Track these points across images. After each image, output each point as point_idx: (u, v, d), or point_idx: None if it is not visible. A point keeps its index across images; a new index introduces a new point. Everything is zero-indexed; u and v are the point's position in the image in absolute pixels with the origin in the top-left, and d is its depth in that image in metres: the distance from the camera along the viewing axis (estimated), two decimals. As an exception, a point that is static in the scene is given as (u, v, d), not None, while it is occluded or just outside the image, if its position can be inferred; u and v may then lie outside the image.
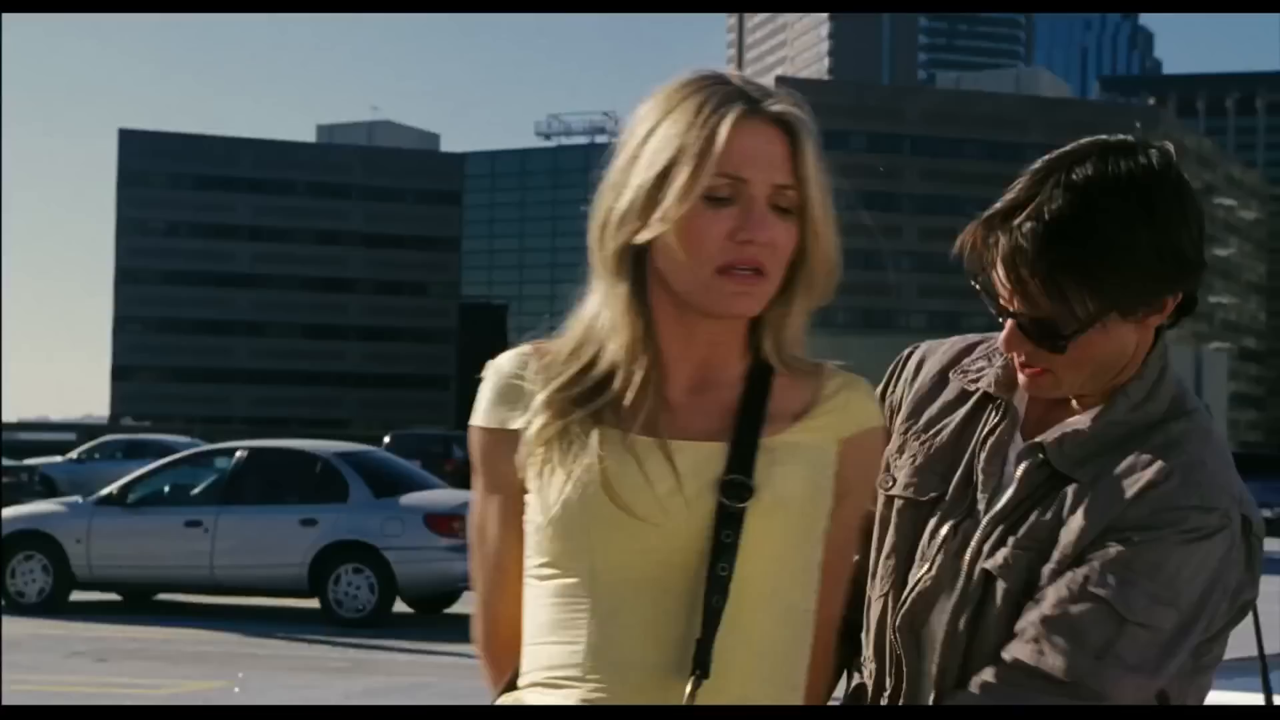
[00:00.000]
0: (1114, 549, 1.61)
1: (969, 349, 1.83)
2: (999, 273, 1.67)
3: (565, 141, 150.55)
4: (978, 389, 1.79)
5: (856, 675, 1.81)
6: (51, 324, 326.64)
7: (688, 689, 1.52)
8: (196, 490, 13.29)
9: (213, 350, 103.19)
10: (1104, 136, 1.69)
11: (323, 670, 10.00)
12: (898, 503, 1.78)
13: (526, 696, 1.62)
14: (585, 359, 1.62)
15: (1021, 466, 1.70)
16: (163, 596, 13.39)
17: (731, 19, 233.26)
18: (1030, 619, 1.62)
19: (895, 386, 1.86)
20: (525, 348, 1.68)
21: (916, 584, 1.72)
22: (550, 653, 1.59)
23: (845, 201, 1.66)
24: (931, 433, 1.79)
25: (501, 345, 1.83)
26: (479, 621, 1.72)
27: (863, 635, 1.79)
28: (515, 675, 1.66)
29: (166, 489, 13.40)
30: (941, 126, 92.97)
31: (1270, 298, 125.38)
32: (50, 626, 11.83)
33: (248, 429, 69.48)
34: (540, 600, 1.61)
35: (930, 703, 1.69)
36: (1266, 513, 33.26)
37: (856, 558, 1.77)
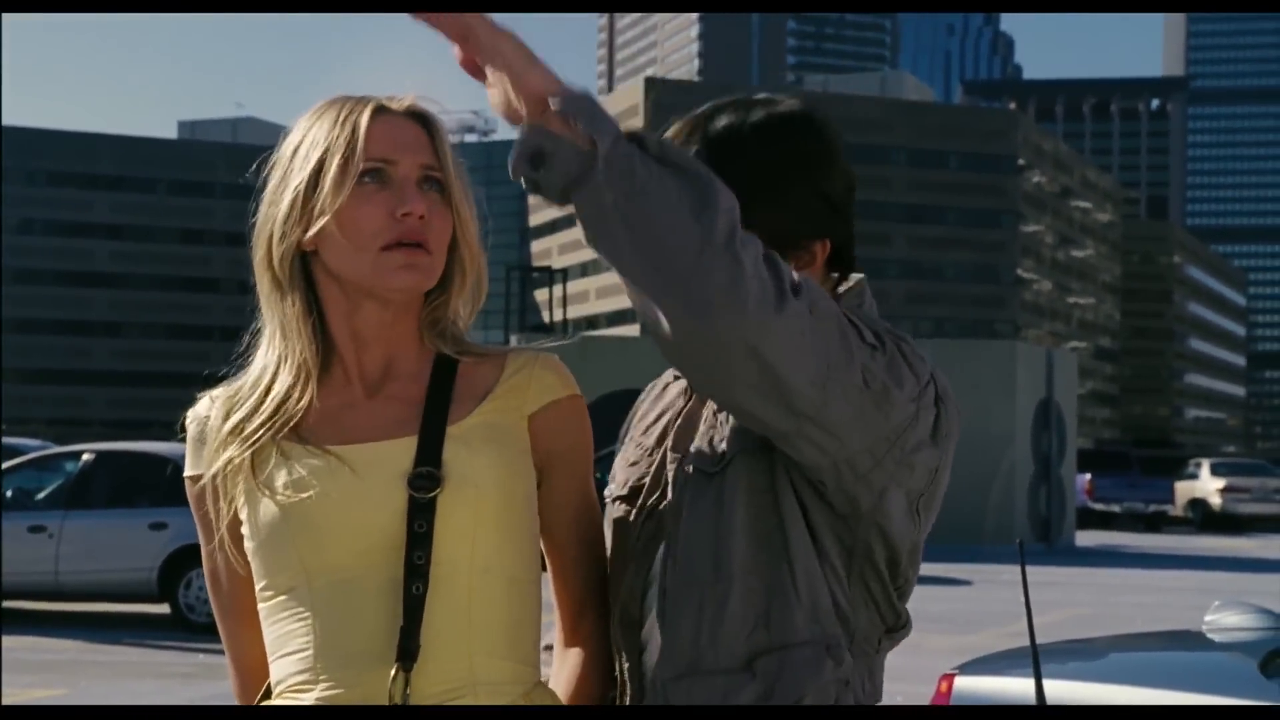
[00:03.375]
0: None
1: None
2: None
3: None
4: (678, 379, 1.80)
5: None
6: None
7: (392, 673, 1.59)
8: (41, 494, 12.93)
9: (70, 351, 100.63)
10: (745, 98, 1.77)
11: (169, 676, 9.79)
12: (615, 504, 1.77)
13: (278, 702, 1.68)
14: (267, 380, 1.69)
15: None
16: (5, 604, 13.01)
17: (603, 19, 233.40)
18: None
19: (643, 401, 1.87)
20: (217, 390, 1.75)
21: (625, 580, 1.72)
22: (286, 663, 1.67)
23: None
24: (645, 433, 1.80)
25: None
26: (230, 669, 1.78)
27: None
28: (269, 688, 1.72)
29: (9, 493, 13.01)
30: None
31: (1125, 298, 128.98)
32: (-116, 636, 11.43)
33: (107, 431, 67.83)
34: (271, 618, 1.69)
35: (650, 700, 1.67)
36: (1116, 508, 31.88)
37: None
